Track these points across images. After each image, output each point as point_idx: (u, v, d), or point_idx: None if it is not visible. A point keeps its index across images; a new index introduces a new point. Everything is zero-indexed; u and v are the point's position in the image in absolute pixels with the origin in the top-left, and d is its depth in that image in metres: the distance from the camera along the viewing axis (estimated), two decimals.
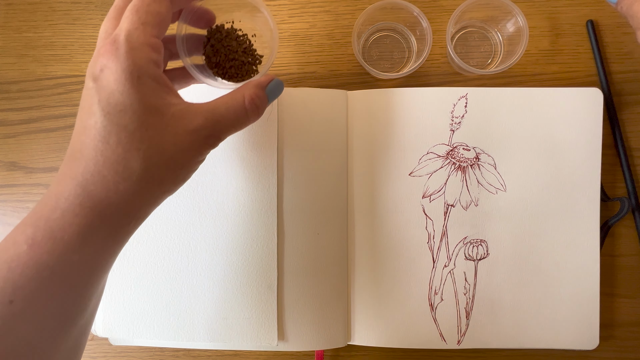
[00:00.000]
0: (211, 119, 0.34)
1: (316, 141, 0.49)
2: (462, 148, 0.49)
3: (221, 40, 0.41)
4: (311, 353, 0.51)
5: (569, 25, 0.52)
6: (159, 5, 0.33)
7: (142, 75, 0.31)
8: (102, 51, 0.31)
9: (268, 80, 0.37)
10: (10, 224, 0.53)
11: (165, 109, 0.32)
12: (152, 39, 0.32)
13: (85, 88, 0.32)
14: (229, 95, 0.36)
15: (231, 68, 0.42)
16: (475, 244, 0.48)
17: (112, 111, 0.30)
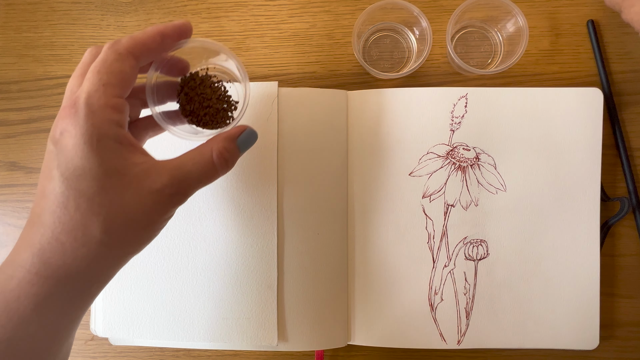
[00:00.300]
0: (177, 176, 0.33)
1: (316, 141, 0.49)
2: (462, 148, 0.49)
3: (195, 88, 0.41)
4: (311, 353, 0.51)
5: (569, 25, 0.52)
6: (122, 64, 0.32)
7: (102, 138, 0.31)
8: (62, 114, 0.31)
9: (239, 132, 0.37)
10: (10, 224, 0.53)
11: (127, 169, 0.32)
12: (114, 99, 0.32)
13: (46, 151, 0.32)
14: (196, 149, 0.35)
15: (205, 115, 0.41)
16: (475, 244, 0.48)
17: (71, 176, 0.30)
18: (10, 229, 0.53)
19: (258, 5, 0.53)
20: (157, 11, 0.53)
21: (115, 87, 0.32)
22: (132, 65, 0.33)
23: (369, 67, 0.48)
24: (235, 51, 0.53)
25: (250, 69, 0.53)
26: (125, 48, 0.33)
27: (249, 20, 0.53)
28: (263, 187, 0.48)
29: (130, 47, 0.33)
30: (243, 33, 0.53)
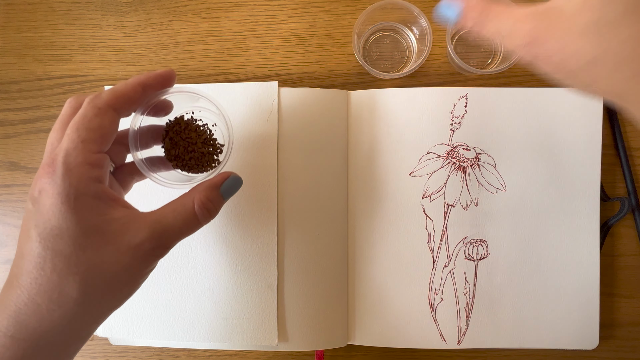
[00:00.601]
0: (157, 229, 0.33)
1: (316, 141, 0.49)
2: (462, 148, 0.49)
3: (180, 133, 0.40)
4: (311, 353, 0.51)
5: None
6: (101, 119, 0.32)
7: (80, 196, 0.31)
8: (41, 172, 0.31)
9: (223, 179, 0.37)
10: (10, 224, 0.53)
11: (105, 226, 0.32)
12: (93, 155, 0.32)
13: (25, 209, 0.32)
14: (178, 200, 0.35)
15: (191, 160, 0.41)
16: (475, 244, 0.48)
17: (48, 236, 0.30)
18: (10, 229, 0.53)
19: (258, 5, 0.53)
20: (157, 11, 0.53)
21: (94, 143, 0.32)
22: (112, 120, 0.33)
23: (369, 67, 0.48)
24: (235, 51, 0.53)
25: (250, 69, 0.53)
26: (105, 102, 0.33)
27: (249, 20, 0.53)
28: (263, 187, 0.48)
29: (111, 100, 0.33)
30: (243, 33, 0.53)
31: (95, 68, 0.54)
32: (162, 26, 0.53)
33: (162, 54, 0.53)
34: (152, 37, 0.53)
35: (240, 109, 0.49)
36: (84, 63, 0.54)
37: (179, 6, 0.53)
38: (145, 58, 0.53)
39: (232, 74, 0.53)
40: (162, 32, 0.53)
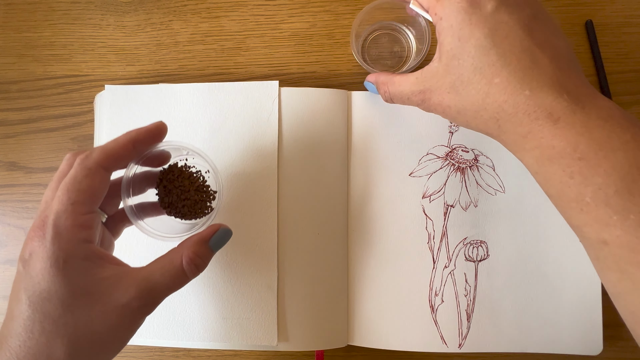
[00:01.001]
0: (145, 287, 0.33)
1: (317, 141, 0.49)
2: (461, 150, 0.49)
3: (173, 181, 0.41)
4: (311, 353, 0.51)
5: (569, 25, 0.52)
6: (91, 180, 0.33)
7: (69, 259, 0.31)
8: (31, 234, 0.32)
9: (212, 233, 0.37)
10: (10, 224, 0.53)
11: (94, 287, 0.32)
12: (82, 217, 0.33)
13: (16, 271, 0.33)
14: (167, 256, 0.36)
15: (184, 207, 0.41)
16: (475, 245, 0.48)
17: (37, 299, 0.31)
18: (10, 229, 0.53)
19: (258, 5, 0.53)
20: (157, 11, 0.54)
21: (84, 205, 0.33)
22: (102, 179, 0.34)
23: (368, 66, 0.48)
24: (235, 51, 0.53)
25: (250, 69, 0.53)
26: (95, 162, 0.34)
27: (249, 20, 0.53)
28: (263, 187, 0.48)
29: (101, 160, 0.34)
30: (243, 33, 0.53)
31: (95, 68, 0.54)
32: (161, 26, 0.54)
33: (161, 54, 0.53)
34: (151, 37, 0.53)
35: (240, 108, 0.49)
36: (83, 63, 0.54)
37: (179, 6, 0.53)
38: (145, 58, 0.53)
39: (232, 74, 0.53)
40: (161, 32, 0.53)
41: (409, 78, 0.39)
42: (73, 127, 0.53)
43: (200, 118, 0.49)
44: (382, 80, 0.43)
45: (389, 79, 0.42)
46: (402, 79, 0.40)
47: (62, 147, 0.53)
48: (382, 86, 0.43)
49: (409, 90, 0.39)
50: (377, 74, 0.44)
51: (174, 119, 0.49)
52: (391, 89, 0.42)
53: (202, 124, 0.49)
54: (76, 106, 0.53)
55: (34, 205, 0.53)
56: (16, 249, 0.53)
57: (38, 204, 0.53)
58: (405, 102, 0.41)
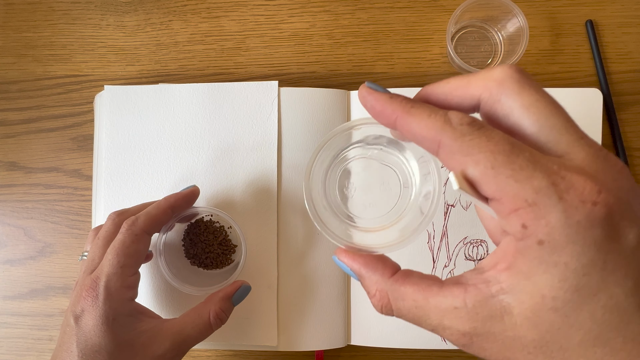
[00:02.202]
0: (177, 341, 0.39)
1: (316, 141, 0.49)
2: None
3: (199, 235, 0.47)
4: (311, 353, 0.51)
5: (569, 25, 0.52)
6: (138, 245, 0.39)
7: (117, 316, 0.37)
8: (84, 294, 0.37)
9: (235, 289, 0.42)
10: (10, 224, 0.54)
11: (135, 340, 0.38)
12: (129, 278, 0.38)
13: (66, 324, 0.37)
14: (196, 311, 0.41)
15: (207, 259, 0.47)
16: (475, 244, 0.49)
17: (89, 352, 0.36)
18: (10, 229, 0.54)
19: (258, 5, 0.54)
20: (157, 11, 0.54)
21: (131, 268, 0.39)
22: (145, 244, 0.40)
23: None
24: (235, 51, 0.54)
25: (250, 69, 0.53)
26: (141, 229, 0.39)
27: (249, 20, 0.54)
28: (263, 187, 0.49)
29: (146, 227, 0.39)
30: (243, 33, 0.54)
31: (95, 68, 0.54)
32: (161, 26, 0.54)
33: (161, 54, 0.54)
34: (151, 37, 0.54)
35: (240, 108, 0.50)
36: (83, 63, 0.54)
37: (179, 6, 0.54)
38: (144, 58, 0.54)
39: (232, 74, 0.53)
40: (161, 32, 0.54)
41: (453, 310, 0.23)
42: (73, 127, 0.54)
43: (200, 118, 0.50)
44: (375, 281, 0.27)
45: (390, 285, 0.27)
46: (442, 301, 0.23)
47: (62, 147, 0.54)
48: (374, 287, 0.28)
49: (446, 319, 0.23)
50: (358, 256, 0.27)
51: (173, 119, 0.50)
52: (402, 304, 0.27)
53: (202, 124, 0.50)
54: (76, 106, 0.54)
55: (33, 205, 0.53)
56: (16, 249, 0.53)
57: (38, 204, 0.53)
58: (421, 325, 0.26)
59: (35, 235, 0.53)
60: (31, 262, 0.53)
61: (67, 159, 0.54)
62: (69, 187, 0.54)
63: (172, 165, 0.50)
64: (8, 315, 0.53)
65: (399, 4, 0.53)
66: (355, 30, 0.53)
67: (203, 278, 0.47)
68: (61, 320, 0.52)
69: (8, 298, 0.53)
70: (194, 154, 0.50)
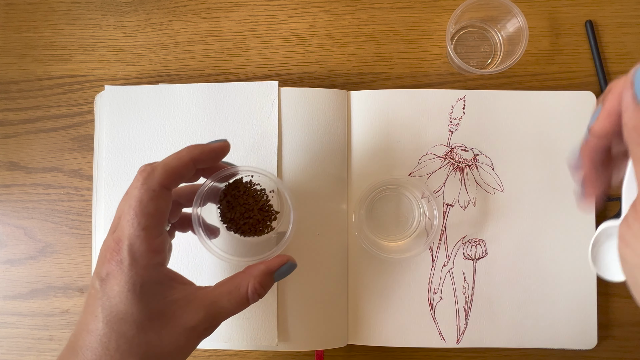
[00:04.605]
0: (212, 312, 0.37)
1: (317, 141, 0.51)
2: (460, 149, 0.51)
3: (237, 197, 0.43)
4: (311, 353, 0.52)
5: (569, 25, 0.54)
6: (157, 203, 0.35)
7: (145, 283, 0.35)
8: (108, 256, 0.35)
9: (279, 264, 0.39)
10: (10, 224, 0.55)
11: (165, 309, 0.36)
12: (155, 241, 0.35)
13: (92, 286, 0.36)
14: (233, 282, 0.38)
15: (245, 225, 0.43)
16: (473, 244, 0.51)
17: (114, 319, 0.34)
18: (10, 229, 0.55)
19: (258, 5, 0.56)
20: (157, 11, 0.56)
21: (154, 229, 0.35)
22: (166, 200, 0.36)
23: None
24: (235, 51, 0.55)
25: (250, 69, 0.55)
26: (158, 184, 0.35)
27: (249, 20, 0.55)
28: None
29: (164, 180, 0.36)
30: (243, 33, 0.55)
31: (95, 68, 0.56)
32: (162, 26, 0.56)
33: (161, 54, 0.55)
34: (151, 37, 0.56)
35: (240, 108, 0.51)
36: (83, 63, 0.56)
37: (179, 6, 0.56)
38: (145, 58, 0.56)
39: (232, 74, 0.55)
40: (161, 32, 0.56)
41: None
42: (73, 127, 0.56)
43: (200, 118, 0.51)
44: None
45: None
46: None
47: (62, 147, 0.56)
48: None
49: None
50: None
51: (173, 119, 0.52)
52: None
53: (202, 124, 0.51)
54: (76, 106, 0.56)
55: (34, 205, 0.55)
56: (16, 249, 0.55)
57: (38, 204, 0.55)
58: None
59: (35, 235, 0.55)
60: (31, 262, 0.55)
61: (67, 159, 0.55)
62: (69, 187, 0.55)
63: None
64: (8, 315, 0.55)
65: (399, 4, 0.55)
66: (355, 31, 0.55)
67: (239, 245, 0.45)
68: (61, 321, 0.54)
69: (8, 298, 0.55)
70: None
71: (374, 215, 0.51)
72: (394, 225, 0.51)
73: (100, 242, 0.51)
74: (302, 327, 0.50)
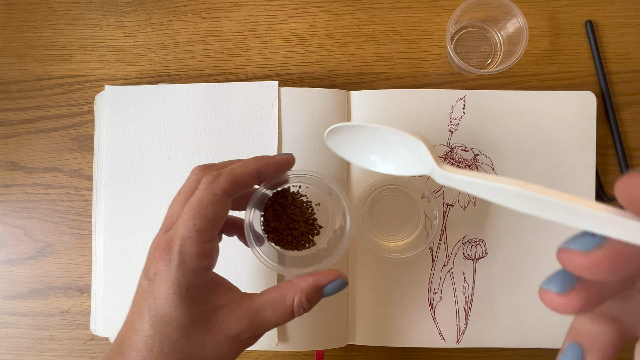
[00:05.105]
0: (255, 322, 0.36)
1: (317, 141, 0.51)
2: (460, 149, 0.51)
3: (285, 207, 0.41)
4: (311, 353, 0.53)
5: (569, 25, 0.54)
6: (216, 207, 0.35)
7: (191, 287, 0.35)
8: (157, 255, 0.35)
9: (330, 280, 0.38)
10: (10, 224, 0.56)
11: (210, 314, 0.35)
12: (205, 245, 0.35)
13: (140, 285, 0.36)
14: (280, 293, 0.37)
15: (288, 236, 0.41)
16: (473, 244, 0.51)
17: (159, 322, 0.34)
18: (10, 229, 0.56)
19: (258, 5, 0.56)
20: (157, 11, 0.56)
21: (208, 233, 0.35)
22: (225, 206, 0.36)
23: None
24: (235, 51, 0.56)
25: (250, 69, 0.55)
26: (221, 189, 0.35)
27: (249, 20, 0.56)
28: None
29: (227, 187, 0.36)
30: (243, 33, 0.56)
31: (95, 68, 0.56)
32: (162, 26, 0.56)
33: (161, 54, 0.56)
34: (151, 37, 0.56)
35: (240, 108, 0.52)
36: (83, 63, 0.56)
37: (179, 6, 0.56)
38: (145, 58, 0.56)
39: (232, 74, 0.55)
40: (161, 32, 0.56)
41: None
42: (73, 127, 0.56)
43: (200, 118, 0.52)
44: None
45: None
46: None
47: (62, 147, 0.56)
48: None
49: None
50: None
51: (174, 119, 0.52)
52: None
53: (202, 124, 0.52)
54: (76, 106, 0.56)
55: (34, 205, 0.55)
56: (16, 249, 0.55)
57: (38, 204, 0.55)
58: None
59: (35, 235, 0.55)
60: (31, 262, 0.55)
61: (67, 159, 0.56)
62: (69, 187, 0.56)
63: (172, 165, 0.52)
64: (8, 315, 0.55)
65: (399, 4, 0.55)
66: (355, 31, 0.55)
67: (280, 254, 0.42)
68: (61, 321, 0.55)
69: (8, 298, 0.55)
70: (194, 154, 0.52)
71: (374, 215, 0.51)
72: (394, 225, 0.51)
73: (100, 242, 0.52)
74: (301, 327, 0.50)
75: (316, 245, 0.42)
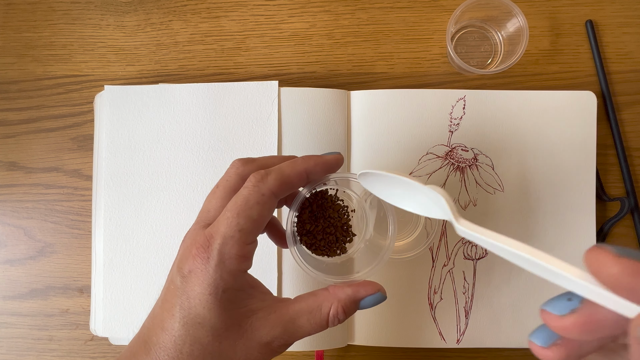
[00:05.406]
0: (289, 330, 0.35)
1: (316, 141, 0.51)
2: (460, 149, 0.51)
3: (324, 210, 0.39)
4: (311, 353, 0.53)
5: (569, 25, 0.54)
6: (262, 208, 0.33)
7: (227, 289, 0.33)
8: (194, 252, 0.33)
9: (369, 293, 0.37)
10: (10, 224, 0.56)
11: (243, 319, 0.34)
12: (246, 247, 0.33)
13: (171, 281, 0.34)
14: (315, 301, 0.36)
15: (321, 241, 0.39)
16: (474, 244, 0.51)
17: (191, 322, 0.33)
18: (10, 229, 0.56)
19: (258, 5, 0.56)
20: (157, 11, 0.56)
21: (250, 234, 0.33)
22: (271, 208, 0.34)
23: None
24: (235, 51, 0.56)
25: (250, 69, 0.55)
26: (269, 189, 0.34)
27: (249, 20, 0.56)
28: None
29: (275, 188, 0.34)
30: (243, 33, 0.56)
31: (95, 68, 0.56)
32: (161, 26, 0.56)
33: (161, 54, 0.56)
34: (151, 37, 0.56)
35: (240, 108, 0.52)
36: (83, 63, 0.57)
37: (179, 6, 0.56)
38: (144, 58, 0.56)
39: (232, 74, 0.55)
40: (161, 32, 0.56)
41: None
42: (73, 127, 0.56)
43: (200, 118, 0.52)
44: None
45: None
46: None
47: (62, 147, 0.56)
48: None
49: None
50: None
51: (174, 119, 0.52)
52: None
53: (202, 124, 0.52)
54: (76, 106, 0.56)
55: (34, 205, 0.56)
56: (16, 249, 0.56)
57: (38, 204, 0.56)
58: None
59: (35, 235, 0.55)
60: (31, 262, 0.55)
61: (67, 159, 0.56)
62: (69, 187, 0.56)
63: (172, 165, 0.52)
64: (8, 315, 0.55)
65: (399, 4, 0.55)
66: (355, 30, 0.55)
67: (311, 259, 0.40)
68: (61, 321, 0.55)
69: (8, 298, 0.55)
70: (194, 154, 0.52)
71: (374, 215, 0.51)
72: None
73: (100, 242, 0.52)
74: None
75: (347, 254, 0.40)
